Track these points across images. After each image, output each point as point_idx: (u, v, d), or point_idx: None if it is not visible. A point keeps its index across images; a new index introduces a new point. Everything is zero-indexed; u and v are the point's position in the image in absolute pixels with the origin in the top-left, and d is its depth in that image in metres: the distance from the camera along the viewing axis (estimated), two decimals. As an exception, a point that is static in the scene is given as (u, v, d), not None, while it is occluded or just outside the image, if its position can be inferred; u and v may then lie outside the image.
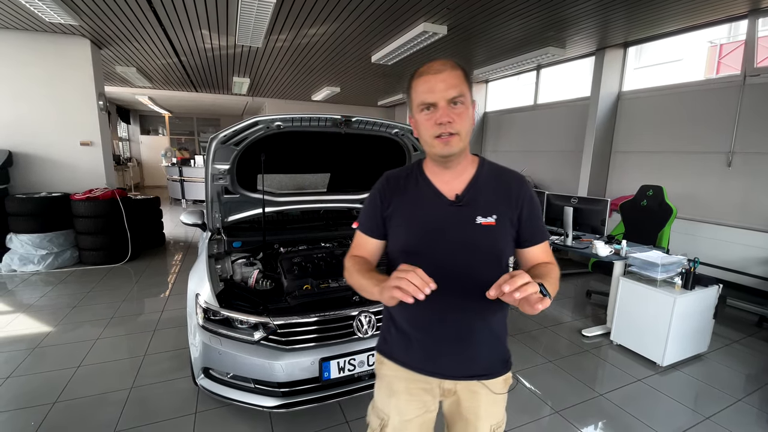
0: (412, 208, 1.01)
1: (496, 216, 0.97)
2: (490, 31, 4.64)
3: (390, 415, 1.08)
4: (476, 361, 1.04)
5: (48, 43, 4.76)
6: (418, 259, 0.94)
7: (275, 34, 4.79)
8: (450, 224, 0.98)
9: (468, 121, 0.93)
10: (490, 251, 0.98)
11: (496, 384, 1.07)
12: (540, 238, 1.02)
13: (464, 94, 0.92)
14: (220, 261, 2.31)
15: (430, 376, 1.05)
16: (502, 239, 0.99)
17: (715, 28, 4.49)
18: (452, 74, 0.91)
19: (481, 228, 0.96)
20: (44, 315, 3.27)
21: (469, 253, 0.97)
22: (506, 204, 0.99)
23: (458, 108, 0.91)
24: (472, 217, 0.97)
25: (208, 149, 2.06)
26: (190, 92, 9.32)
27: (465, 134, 0.93)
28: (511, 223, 0.99)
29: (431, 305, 0.95)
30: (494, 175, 1.02)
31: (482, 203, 0.98)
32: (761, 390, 2.47)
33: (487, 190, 1.00)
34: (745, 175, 4.13)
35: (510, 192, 1.00)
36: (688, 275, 2.67)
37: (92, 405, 2.14)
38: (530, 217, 1.00)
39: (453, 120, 0.90)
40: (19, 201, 4.32)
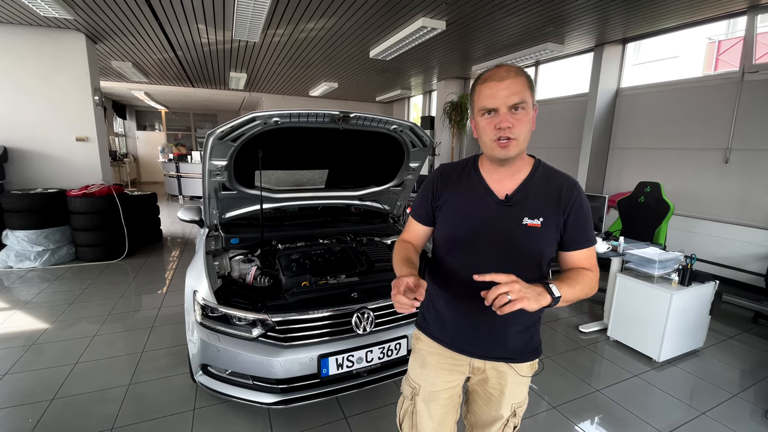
0: (462, 202, 1.07)
1: (542, 218, 1.00)
2: (489, 26, 4.62)
3: (421, 385, 1.19)
4: (507, 346, 1.11)
5: (42, 38, 4.71)
6: (460, 250, 1.07)
7: (272, 28, 4.75)
8: (496, 222, 1.02)
9: (527, 126, 0.96)
10: (532, 252, 1.02)
11: (522, 368, 1.14)
12: (584, 244, 1.03)
13: (526, 101, 0.94)
14: (218, 258, 2.30)
15: (463, 354, 1.14)
16: (545, 241, 1.02)
17: (713, 25, 4.49)
18: (515, 81, 0.93)
19: (527, 229, 1.00)
20: (41, 312, 3.26)
21: (511, 252, 1.02)
22: (554, 207, 1.01)
23: (519, 114, 0.94)
24: (520, 217, 1.01)
25: (205, 145, 2.04)
26: (186, 87, 9.26)
27: (523, 139, 0.96)
28: (556, 226, 1.01)
29: (470, 293, 1.04)
30: (546, 177, 1.05)
31: (531, 205, 1.01)
32: (756, 385, 2.49)
33: (537, 192, 1.02)
34: (743, 172, 4.14)
35: (560, 195, 1.02)
36: (685, 271, 2.68)
37: (90, 402, 2.14)
38: (577, 222, 1.02)
39: (513, 125, 0.93)
40: (14, 197, 4.28)
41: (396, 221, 3.08)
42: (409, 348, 1.97)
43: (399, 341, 1.94)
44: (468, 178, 1.09)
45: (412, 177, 2.78)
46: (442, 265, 1.13)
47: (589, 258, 1.05)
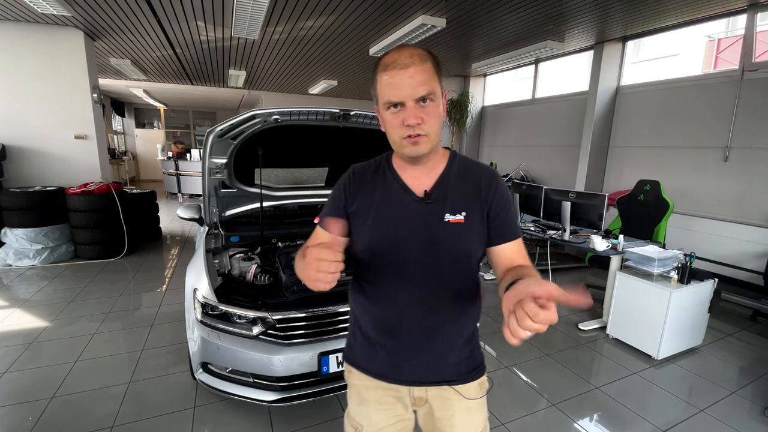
0: (379, 205, 0.94)
1: (465, 213, 0.91)
2: (489, 23, 4.61)
3: (363, 424, 1.03)
4: (445, 365, 0.98)
5: (40, 35, 4.68)
6: (382, 259, 0.93)
7: (272, 26, 4.73)
8: (417, 222, 0.92)
9: (438, 119, 0.85)
10: (459, 250, 0.92)
11: (468, 389, 0.99)
12: (511, 236, 0.93)
13: (434, 91, 0.82)
14: (218, 256, 2.30)
15: (396, 383, 0.99)
16: (471, 237, 0.92)
17: (713, 23, 4.48)
18: (421, 69, 0.81)
19: (450, 226, 0.90)
20: (40, 310, 3.26)
21: (437, 252, 0.91)
22: (476, 200, 0.92)
23: (428, 107, 0.83)
24: (441, 214, 0.91)
25: (205, 143, 2.04)
26: (185, 85, 9.23)
27: (435, 134, 0.86)
28: (480, 219, 0.92)
29: (398, 306, 0.94)
30: (464, 170, 0.96)
31: (451, 200, 0.92)
32: (755, 383, 2.50)
33: (457, 186, 0.93)
34: (742, 171, 4.15)
35: (480, 187, 0.93)
36: (684, 270, 2.69)
37: (90, 400, 2.14)
38: (500, 213, 0.93)
39: (422, 121, 0.82)
40: (13, 195, 4.27)
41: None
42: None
43: (399, 339, 1.94)
44: (382, 177, 0.97)
45: (412, 175, 2.78)
46: (365, 280, 0.98)
47: (521, 251, 0.94)
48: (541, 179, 6.61)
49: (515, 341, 0.62)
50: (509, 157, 7.28)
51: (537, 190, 3.93)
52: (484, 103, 8.09)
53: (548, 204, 3.75)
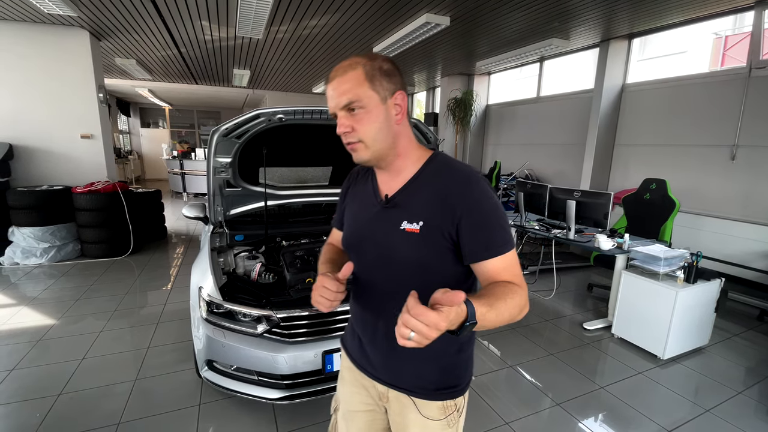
0: (355, 206, 1.00)
1: (422, 223, 0.84)
2: (494, 21, 4.59)
3: (340, 400, 1.11)
4: (403, 372, 0.94)
5: (47, 35, 4.72)
6: (353, 256, 0.96)
7: (276, 25, 4.74)
8: (376, 226, 0.91)
9: (375, 124, 0.82)
10: (412, 261, 0.85)
11: (428, 407, 0.92)
12: (491, 252, 0.81)
13: (359, 99, 0.80)
14: (223, 254, 2.31)
15: (361, 370, 1.01)
16: (427, 250, 0.84)
17: (720, 20, 4.43)
18: (345, 78, 0.81)
19: (404, 234, 0.85)
20: (47, 308, 3.29)
21: (389, 260, 0.88)
22: (438, 210, 0.83)
23: (357, 114, 0.82)
24: (399, 221, 0.86)
25: (210, 142, 2.05)
26: (190, 85, 9.28)
27: (373, 139, 0.83)
28: (441, 232, 0.82)
29: (363, 301, 0.98)
30: (439, 174, 0.87)
31: (412, 207, 0.86)
32: (761, 383, 2.48)
33: (424, 193, 0.86)
34: (749, 169, 4.11)
35: (448, 195, 0.83)
36: (691, 269, 2.67)
37: (97, 396, 2.16)
38: (474, 226, 0.81)
39: (351, 129, 0.82)
40: (20, 194, 4.32)
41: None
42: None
43: (403, 338, 1.94)
44: (366, 180, 0.98)
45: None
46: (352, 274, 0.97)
47: (508, 268, 0.81)
48: (546, 178, 6.58)
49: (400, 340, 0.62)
50: (514, 155, 7.25)
51: (542, 188, 3.91)
52: (489, 101, 8.06)
53: (553, 203, 3.74)
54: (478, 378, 2.42)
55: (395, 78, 0.85)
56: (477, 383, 2.36)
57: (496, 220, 0.82)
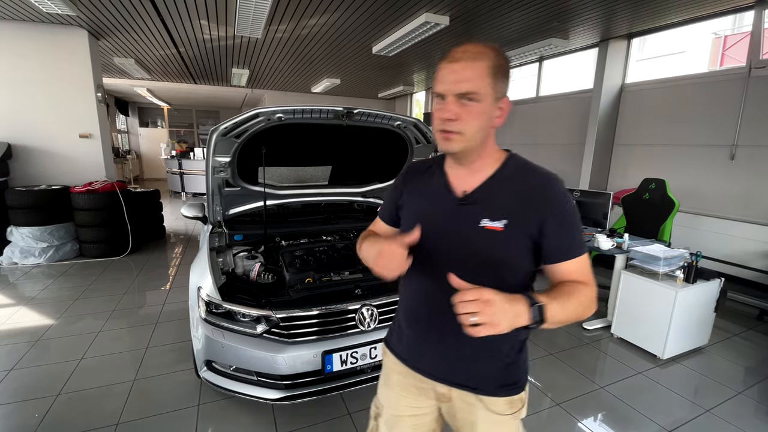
0: (421, 201, 0.96)
1: (506, 221, 0.84)
2: (493, 21, 4.58)
3: (384, 405, 1.07)
4: (468, 370, 0.94)
5: (45, 34, 4.71)
6: (416, 255, 0.89)
7: (275, 24, 4.73)
8: (452, 223, 0.89)
9: (479, 121, 0.80)
10: (491, 259, 0.86)
11: (496, 403, 0.94)
12: (571, 254, 0.84)
13: (478, 91, 0.78)
14: (222, 254, 2.30)
15: (416, 372, 0.99)
16: (508, 249, 0.85)
17: (719, 20, 4.44)
18: (470, 65, 0.78)
19: (484, 232, 0.85)
20: (46, 308, 3.28)
21: (467, 258, 0.87)
22: (525, 210, 0.84)
23: (469, 105, 0.79)
24: (478, 219, 0.86)
25: (209, 141, 2.04)
26: (189, 84, 9.26)
27: (472, 135, 0.81)
28: (525, 232, 0.84)
29: (422, 299, 0.97)
30: (519, 174, 0.89)
31: (493, 205, 0.86)
32: (761, 383, 2.48)
33: (504, 192, 0.87)
34: (748, 169, 4.11)
35: (534, 196, 0.85)
36: (690, 269, 2.67)
37: (95, 397, 2.15)
38: (559, 228, 0.84)
39: (458, 117, 0.80)
40: (19, 194, 4.30)
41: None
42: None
43: (403, 338, 1.94)
44: (431, 175, 0.97)
45: (416, 173, 2.77)
46: (406, 274, 0.93)
47: (581, 269, 0.85)
48: (545, 178, 6.57)
49: None
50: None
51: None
52: (488, 101, 8.04)
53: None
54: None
55: (508, 82, 0.84)
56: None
57: (577, 223, 0.86)
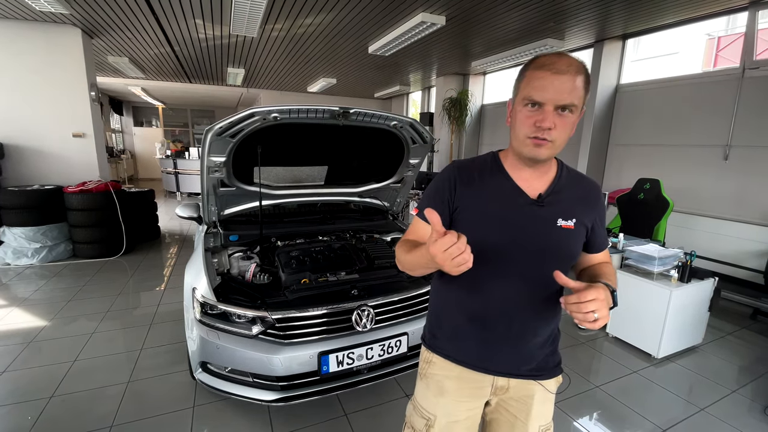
0: (490, 203, 0.96)
1: (575, 220, 0.95)
2: (489, 21, 4.59)
3: (437, 415, 1.05)
4: (533, 359, 1.02)
5: (38, 33, 4.66)
6: (490, 256, 0.92)
7: (271, 23, 4.71)
8: (530, 224, 0.94)
9: (568, 131, 0.87)
10: (566, 254, 0.97)
11: (549, 383, 1.06)
12: (605, 245, 1.05)
13: (577, 105, 0.84)
14: (217, 255, 2.29)
15: (485, 372, 1.02)
16: (577, 244, 0.99)
17: (713, 21, 4.47)
18: (574, 79, 0.83)
19: (561, 231, 0.94)
20: (39, 309, 3.24)
21: (546, 254, 0.94)
22: (585, 210, 0.98)
23: (566, 116, 0.85)
24: (554, 218, 0.94)
25: (204, 141, 2.02)
26: (183, 83, 9.20)
27: (560, 144, 0.88)
28: (585, 229, 0.99)
29: (495, 300, 0.98)
30: (574, 179, 1.01)
31: (563, 206, 0.96)
32: (755, 382, 2.50)
33: (568, 194, 0.98)
34: (742, 169, 4.15)
35: (589, 199, 1.00)
36: (685, 268, 2.69)
37: (89, 399, 2.13)
38: (600, 226, 1.03)
39: (554, 127, 0.84)
40: (11, 194, 4.25)
41: (395, 218, 3.07)
42: (409, 345, 1.97)
43: (399, 338, 1.93)
44: (492, 176, 0.98)
45: (412, 174, 2.77)
46: (465, 275, 0.86)
47: (606, 254, 1.08)
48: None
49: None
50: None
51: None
52: (484, 101, 8.07)
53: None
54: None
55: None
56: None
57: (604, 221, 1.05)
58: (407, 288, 2.06)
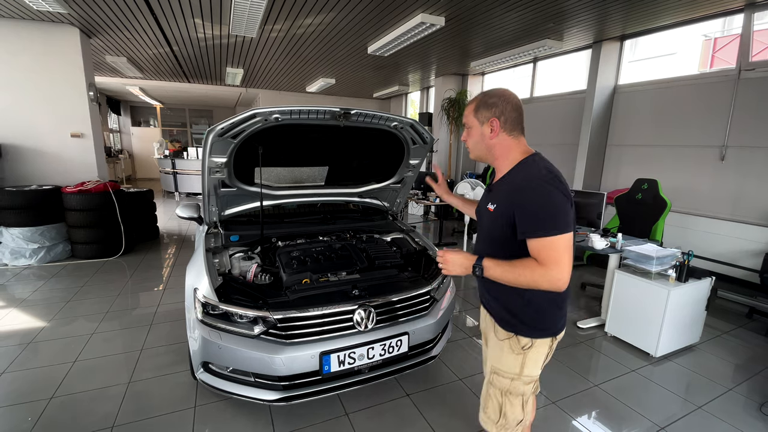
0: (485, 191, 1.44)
1: (496, 206, 1.24)
2: (488, 22, 4.61)
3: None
4: (491, 305, 1.36)
5: (36, 32, 4.64)
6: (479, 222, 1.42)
7: (270, 23, 4.71)
8: (481, 204, 1.38)
9: (471, 139, 1.32)
10: (493, 231, 1.27)
11: (499, 331, 1.34)
12: (527, 235, 1.14)
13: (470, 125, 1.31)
14: (218, 255, 2.29)
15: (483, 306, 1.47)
16: (500, 226, 1.22)
17: (709, 22, 4.50)
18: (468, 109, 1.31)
19: (489, 213, 1.27)
20: (38, 310, 3.24)
21: (480, 227, 1.37)
22: (506, 200, 1.21)
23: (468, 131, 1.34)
24: (487, 203, 1.29)
25: (205, 142, 2.02)
26: (182, 83, 9.18)
27: (472, 147, 1.33)
28: (507, 216, 1.19)
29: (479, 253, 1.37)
30: (517, 176, 1.22)
31: (495, 195, 1.27)
32: (751, 380, 2.52)
33: (503, 187, 1.25)
34: (738, 169, 4.18)
35: (512, 191, 1.20)
36: (682, 268, 2.71)
37: (90, 400, 2.13)
38: (521, 214, 1.15)
39: (465, 138, 1.35)
40: (9, 194, 4.24)
41: (396, 218, 3.08)
42: (410, 344, 1.98)
43: (400, 338, 1.94)
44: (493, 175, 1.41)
45: (412, 174, 2.78)
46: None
47: (537, 250, 1.12)
48: (539, 178, 6.62)
49: None
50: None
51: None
52: (482, 101, 8.07)
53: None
54: (472, 377, 2.43)
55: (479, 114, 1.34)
56: (472, 382, 2.38)
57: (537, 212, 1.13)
58: (408, 288, 2.07)
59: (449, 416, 2.08)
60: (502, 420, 1.34)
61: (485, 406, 1.39)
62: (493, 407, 1.36)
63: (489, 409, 1.37)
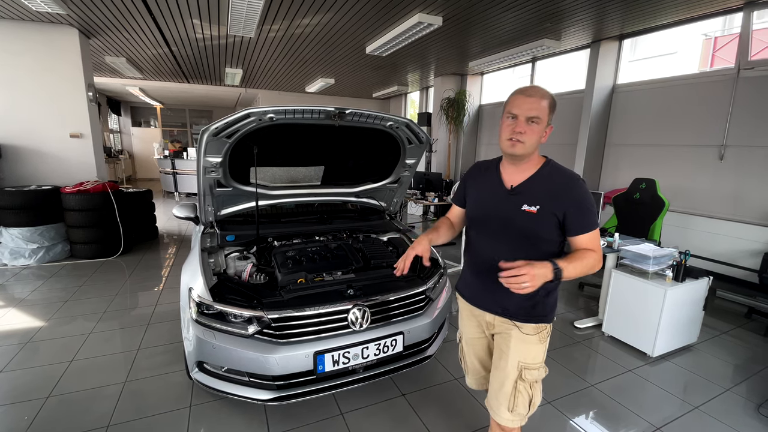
0: (481, 191, 1.41)
1: (539, 207, 1.24)
2: (486, 22, 4.60)
3: (463, 333, 1.60)
4: (508, 304, 1.35)
5: (35, 33, 4.66)
6: (476, 226, 1.41)
7: (268, 23, 4.72)
8: (500, 205, 1.32)
9: (537, 137, 1.22)
10: (530, 231, 1.26)
11: (526, 327, 1.35)
12: (583, 231, 1.23)
13: (541, 118, 1.21)
14: (214, 255, 2.29)
15: (478, 308, 1.45)
16: (543, 225, 1.25)
17: (709, 21, 4.49)
18: (539, 101, 1.20)
19: (525, 214, 1.26)
20: (36, 309, 3.24)
21: (509, 229, 1.30)
22: (552, 201, 1.23)
23: (532, 126, 1.21)
24: (520, 204, 1.27)
25: (200, 141, 2.03)
26: (181, 83, 9.20)
27: (530, 145, 1.23)
28: (555, 216, 1.23)
29: (479, 256, 1.41)
30: (552, 176, 1.28)
31: (531, 195, 1.26)
32: (749, 380, 2.52)
33: (539, 187, 1.27)
34: (737, 169, 4.17)
35: (557, 192, 1.24)
36: (679, 268, 2.70)
37: (86, 399, 2.13)
38: (576, 213, 1.22)
39: (524, 132, 1.21)
40: (8, 194, 4.25)
41: (392, 218, 3.08)
42: (405, 344, 1.99)
43: (395, 337, 1.94)
44: (490, 172, 1.39)
45: (409, 174, 2.78)
46: (468, 236, 1.46)
47: (590, 241, 1.23)
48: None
49: None
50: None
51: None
52: (482, 101, 8.08)
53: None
54: (470, 377, 2.43)
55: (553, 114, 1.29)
56: (469, 382, 2.37)
57: (591, 209, 1.24)
58: (403, 288, 2.07)
59: (445, 416, 2.08)
60: (531, 410, 1.40)
61: (514, 404, 1.37)
62: (524, 402, 1.38)
63: (519, 405, 1.37)
